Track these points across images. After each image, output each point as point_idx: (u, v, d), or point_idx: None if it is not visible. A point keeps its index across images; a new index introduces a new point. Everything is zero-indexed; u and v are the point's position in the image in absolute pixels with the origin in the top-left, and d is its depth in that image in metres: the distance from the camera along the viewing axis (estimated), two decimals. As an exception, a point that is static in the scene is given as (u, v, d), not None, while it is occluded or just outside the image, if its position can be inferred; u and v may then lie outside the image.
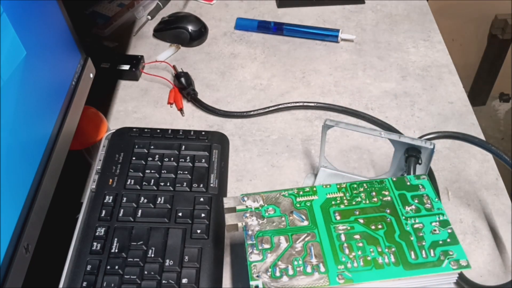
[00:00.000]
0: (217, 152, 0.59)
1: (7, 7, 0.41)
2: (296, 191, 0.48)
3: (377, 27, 0.81)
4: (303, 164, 0.62)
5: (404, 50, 0.77)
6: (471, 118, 0.67)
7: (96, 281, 0.47)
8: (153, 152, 0.58)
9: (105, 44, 0.78)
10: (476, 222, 0.55)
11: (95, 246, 0.49)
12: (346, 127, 0.53)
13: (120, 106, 0.69)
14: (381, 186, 0.48)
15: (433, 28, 0.81)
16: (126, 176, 0.55)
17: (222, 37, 0.80)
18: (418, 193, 0.47)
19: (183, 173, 0.56)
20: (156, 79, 0.73)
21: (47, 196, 0.47)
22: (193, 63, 0.76)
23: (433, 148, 0.50)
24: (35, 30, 0.46)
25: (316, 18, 0.83)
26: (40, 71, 0.47)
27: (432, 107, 0.68)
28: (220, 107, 0.68)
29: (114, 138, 0.60)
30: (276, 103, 0.68)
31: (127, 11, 0.82)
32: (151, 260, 0.48)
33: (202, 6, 0.86)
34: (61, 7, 0.52)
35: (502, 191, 0.58)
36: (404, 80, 0.72)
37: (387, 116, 0.67)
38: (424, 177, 0.49)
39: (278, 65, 0.75)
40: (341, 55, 0.77)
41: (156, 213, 0.52)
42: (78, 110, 0.56)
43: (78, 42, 0.56)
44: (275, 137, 0.65)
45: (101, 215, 0.52)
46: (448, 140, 0.63)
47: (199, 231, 0.51)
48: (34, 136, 0.45)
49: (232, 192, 0.58)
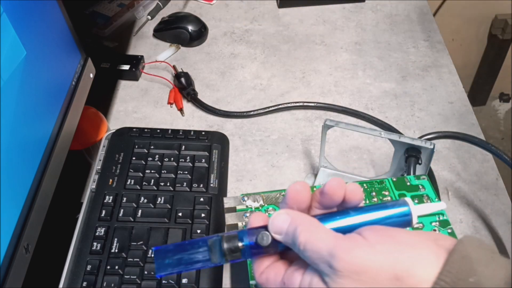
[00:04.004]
0: (217, 152, 0.59)
1: (7, 7, 0.41)
2: (296, 191, 0.47)
3: (377, 27, 0.81)
4: (303, 164, 0.62)
5: (404, 50, 0.77)
6: (471, 118, 0.67)
7: (96, 281, 0.47)
8: (153, 152, 0.58)
9: (105, 44, 0.78)
10: (476, 222, 0.55)
11: (95, 246, 0.49)
12: (346, 127, 0.53)
13: (120, 106, 0.69)
14: (381, 186, 0.48)
15: (433, 28, 0.81)
16: (126, 176, 0.55)
17: (222, 37, 0.80)
18: (418, 193, 0.47)
19: (183, 173, 0.56)
20: (156, 79, 0.73)
21: (47, 196, 0.47)
22: (193, 63, 0.76)
23: (433, 148, 0.50)
24: (35, 30, 0.46)
25: (316, 18, 0.83)
26: (40, 71, 0.47)
27: (432, 107, 0.68)
28: (220, 107, 0.68)
29: (114, 138, 0.60)
30: (276, 103, 0.68)
31: (127, 11, 0.82)
32: (151, 260, 0.48)
33: (202, 6, 0.86)
34: (61, 7, 0.52)
35: (502, 191, 0.58)
36: (404, 80, 0.72)
37: (387, 116, 0.67)
38: (424, 177, 0.49)
39: (278, 65, 0.75)
40: (341, 55, 0.77)
41: (156, 213, 0.52)
42: (78, 110, 0.56)
43: (78, 42, 0.56)
44: (275, 137, 0.65)
45: (101, 215, 0.52)
46: (448, 140, 0.63)
47: (199, 231, 0.51)
48: (34, 136, 0.45)
49: (232, 192, 0.58)
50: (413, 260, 0.27)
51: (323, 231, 0.29)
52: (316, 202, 0.33)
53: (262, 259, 0.32)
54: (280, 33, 0.81)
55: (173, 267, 0.31)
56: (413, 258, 0.27)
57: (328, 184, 0.32)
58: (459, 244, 0.27)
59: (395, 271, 0.27)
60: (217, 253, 0.31)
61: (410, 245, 0.27)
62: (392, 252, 0.27)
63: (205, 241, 0.32)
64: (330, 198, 0.32)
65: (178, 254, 0.31)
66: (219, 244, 0.31)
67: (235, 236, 0.31)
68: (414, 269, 0.27)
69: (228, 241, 0.31)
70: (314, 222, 0.31)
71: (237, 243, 0.31)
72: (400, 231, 0.29)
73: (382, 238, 0.28)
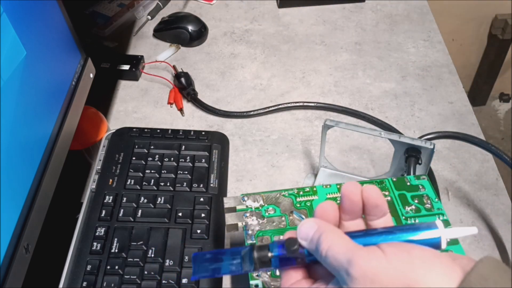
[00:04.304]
0: (217, 152, 0.59)
1: (7, 7, 0.41)
2: (296, 191, 0.48)
3: (377, 27, 0.81)
4: (303, 164, 0.62)
5: (404, 50, 0.77)
6: (471, 118, 0.67)
7: (96, 281, 0.47)
8: (153, 152, 0.58)
9: (105, 44, 0.78)
10: (476, 222, 0.55)
11: (95, 246, 0.49)
12: (346, 127, 0.53)
13: (120, 106, 0.69)
14: (381, 186, 0.48)
15: (433, 28, 0.81)
16: (126, 176, 0.55)
17: (222, 37, 0.80)
18: (418, 193, 0.47)
19: (183, 173, 0.56)
20: (156, 79, 0.73)
21: (47, 196, 0.47)
22: (193, 63, 0.76)
23: (433, 148, 0.50)
24: (35, 30, 0.46)
25: (316, 18, 0.83)
26: (40, 71, 0.47)
27: (432, 107, 0.68)
28: (220, 107, 0.68)
29: (114, 138, 0.60)
30: (276, 103, 0.68)
31: (127, 11, 0.82)
32: (151, 260, 0.48)
33: (202, 6, 0.86)
34: (61, 7, 0.52)
35: (502, 191, 0.58)
36: (404, 80, 0.72)
37: (387, 116, 0.67)
38: (424, 177, 0.49)
39: (278, 65, 0.75)
40: (341, 55, 0.77)
41: (156, 213, 0.52)
42: (78, 110, 0.56)
43: (78, 42, 0.56)
44: (275, 137, 0.65)
45: (101, 215, 0.52)
46: (448, 140, 0.63)
47: (199, 231, 0.51)
48: (34, 136, 0.45)
49: (232, 192, 0.58)
50: (426, 272, 0.28)
51: (345, 240, 0.31)
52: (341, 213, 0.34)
53: (289, 272, 0.34)
54: (280, 33, 0.81)
55: (208, 272, 0.34)
56: (426, 270, 0.28)
57: (344, 186, 0.33)
58: (479, 263, 0.28)
59: (408, 281, 0.28)
60: (248, 261, 0.33)
61: (424, 259, 0.29)
62: (406, 263, 0.28)
63: (239, 251, 0.34)
64: (349, 199, 0.33)
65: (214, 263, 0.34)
66: (250, 253, 0.33)
67: (265, 246, 0.33)
68: (426, 280, 0.28)
69: (259, 251, 0.33)
70: (338, 231, 0.32)
71: (267, 252, 0.33)
72: (416, 247, 0.30)
73: (399, 251, 0.29)
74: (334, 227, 0.33)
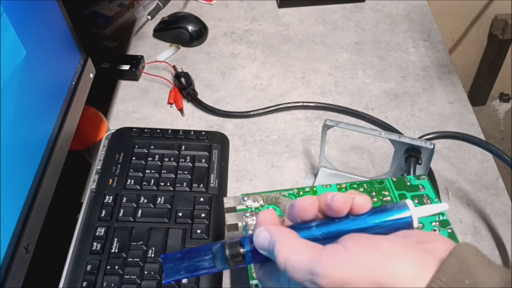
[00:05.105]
0: (217, 152, 0.59)
1: (7, 7, 0.41)
2: (296, 191, 0.48)
3: (377, 27, 0.81)
4: (303, 164, 0.62)
5: (404, 50, 0.77)
6: (471, 118, 0.67)
7: (96, 281, 0.47)
8: (153, 152, 0.58)
9: (105, 44, 0.78)
10: (476, 222, 0.55)
11: (95, 246, 0.49)
12: (346, 127, 0.53)
13: (120, 106, 0.69)
14: (381, 186, 0.48)
15: (433, 28, 0.81)
16: (126, 176, 0.55)
17: (222, 37, 0.80)
18: (418, 193, 0.47)
19: (183, 173, 0.56)
20: (156, 79, 0.73)
21: (47, 196, 0.47)
22: (193, 63, 0.76)
23: (433, 148, 0.50)
24: (35, 30, 0.46)
25: (316, 18, 0.83)
26: (40, 71, 0.47)
27: (432, 107, 0.68)
28: (220, 107, 0.68)
29: (114, 138, 0.60)
30: (276, 103, 0.68)
31: (127, 11, 0.82)
32: (151, 260, 0.48)
33: (202, 6, 0.86)
34: (61, 7, 0.52)
35: (502, 191, 0.58)
36: (404, 80, 0.72)
37: (387, 116, 0.67)
38: (424, 177, 0.49)
39: (278, 65, 0.75)
40: (341, 55, 0.77)
41: (156, 213, 0.52)
42: (78, 110, 0.56)
43: (78, 42, 0.56)
44: (275, 137, 0.65)
45: (101, 215, 0.52)
46: (448, 140, 0.63)
47: (199, 231, 0.51)
48: (34, 136, 0.45)
49: (232, 192, 0.58)
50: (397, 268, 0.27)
51: (302, 248, 0.29)
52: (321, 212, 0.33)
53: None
54: (280, 33, 0.81)
55: (180, 273, 0.32)
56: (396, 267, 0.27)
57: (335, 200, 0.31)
58: (457, 248, 0.28)
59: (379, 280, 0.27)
60: (220, 259, 0.32)
61: (393, 254, 0.27)
62: (374, 263, 0.27)
63: (210, 248, 0.32)
64: (336, 213, 0.31)
65: (185, 261, 0.32)
66: (222, 250, 0.32)
67: (237, 242, 0.32)
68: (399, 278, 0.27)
69: (230, 247, 0.32)
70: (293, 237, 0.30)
71: (239, 249, 0.31)
72: (383, 240, 0.28)
73: (364, 249, 0.28)
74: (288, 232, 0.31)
